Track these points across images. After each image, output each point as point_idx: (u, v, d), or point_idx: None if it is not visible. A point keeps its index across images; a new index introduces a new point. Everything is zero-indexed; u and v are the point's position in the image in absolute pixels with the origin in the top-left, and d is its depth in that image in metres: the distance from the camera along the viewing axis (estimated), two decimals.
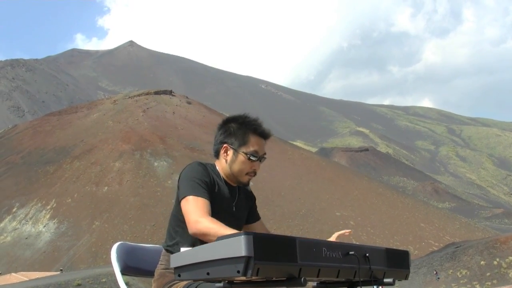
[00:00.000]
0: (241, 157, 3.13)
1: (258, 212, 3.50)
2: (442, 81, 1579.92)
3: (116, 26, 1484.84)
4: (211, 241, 2.61)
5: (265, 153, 3.21)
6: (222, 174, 3.21)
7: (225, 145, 3.18)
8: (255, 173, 3.21)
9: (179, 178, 3.11)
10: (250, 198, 3.43)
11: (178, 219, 3.13)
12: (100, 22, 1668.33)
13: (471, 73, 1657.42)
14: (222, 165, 3.20)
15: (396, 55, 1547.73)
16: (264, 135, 3.19)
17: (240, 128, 3.16)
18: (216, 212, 2.97)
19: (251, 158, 3.13)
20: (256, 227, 3.45)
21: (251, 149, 3.13)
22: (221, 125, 3.26)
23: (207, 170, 3.12)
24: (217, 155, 3.26)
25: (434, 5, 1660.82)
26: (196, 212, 2.87)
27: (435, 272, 61.13)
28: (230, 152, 3.17)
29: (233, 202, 3.22)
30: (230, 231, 2.67)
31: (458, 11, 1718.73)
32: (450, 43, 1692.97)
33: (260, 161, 3.19)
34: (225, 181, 3.21)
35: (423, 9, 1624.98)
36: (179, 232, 3.13)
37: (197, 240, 2.90)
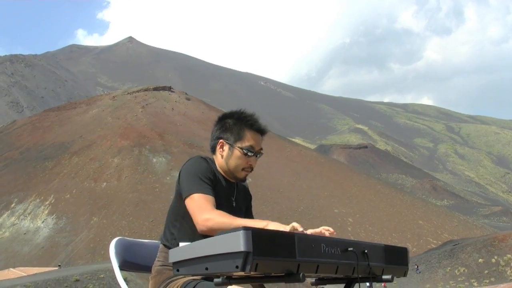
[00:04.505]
0: (237, 152, 3.11)
1: (255, 210, 3.48)
2: (442, 79, 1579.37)
3: (116, 20, 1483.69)
4: None
5: (261, 149, 3.19)
6: (219, 169, 3.18)
7: (221, 140, 3.16)
8: (251, 169, 3.18)
9: (180, 173, 3.08)
10: (247, 195, 3.41)
11: (177, 214, 3.11)
12: (100, 16, 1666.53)
13: (471, 71, 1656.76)
14: (219, 161, 3.18)
15: (397, 53, 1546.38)
16: (260, 130, 3.17)
17: (236, 124, 3.15)
18: (217, 208, 2.92)
19: (247, 153, 3.11)
20: None
21: (247, 144, 3.11)
22: (218, 120, 3.25)
23: (210, 165, 3.10)
24: (213, 151, 3.23)
25: (437, 3, 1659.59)
26: (204, 210, 2.84)
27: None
28: (226, 148, 3.14)
29: (232, 197, 3.20)
30: (242, 221, 2.69)
31: (460, 9, 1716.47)
32: (451, 42, 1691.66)
33: (256, 156, 3.17)
34: (224, 177, 3.19)
35: (426, 7, 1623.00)
36: (177, 227, 3.09)
37: (196, 235, 2.85)
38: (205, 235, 2.71)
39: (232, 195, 3.21)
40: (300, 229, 2.66)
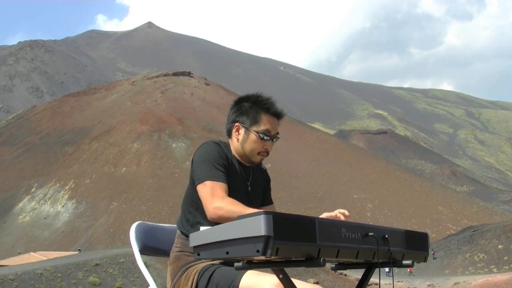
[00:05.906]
0: (253, 136, 3.08)
1: (275, 195, 3.43)
2: (462, 64, 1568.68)
3: (135, 5, 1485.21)
4: None
5: (277, 133, 3.14)
6: (235, 153, 3.16)
7: (237, 123, 3.13)
8: (267, 153, 3.15)
9: (193, 158, 3.05)
10: (265, 178, 3.35)
11: (192, 200, 3.08)
12: (119, 0, 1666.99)
13: (492, 56, 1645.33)
14: (234, 145, 3.15)
15: (417, 38, 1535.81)
16: (276, 114, 3.13)
17: (253, 107, 3.11)
18: (232, 193, 2.91)
19: (263, 137, 3.08)
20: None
21: (263, 128, 3.08)
22: (234, 104, 3.21)
23: (223, 150, 3.08)
24: (229, 134, 3.20)
25: None
26: (215, 197, 2.82)
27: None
28: (242, 131, 3.11)
29: (248, 182, 3.17)
30: (253, 211, 2.55)
31: None
32: (472, 26, 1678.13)
33: (272, 140, 3.13)
34: (239, 161, 3.16)
35: None
36: (193, 213, 3.07)
37: (212, 221, 2.80)
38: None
39: (247, 179, 3.18)
40: (345, 216, 2.68)
